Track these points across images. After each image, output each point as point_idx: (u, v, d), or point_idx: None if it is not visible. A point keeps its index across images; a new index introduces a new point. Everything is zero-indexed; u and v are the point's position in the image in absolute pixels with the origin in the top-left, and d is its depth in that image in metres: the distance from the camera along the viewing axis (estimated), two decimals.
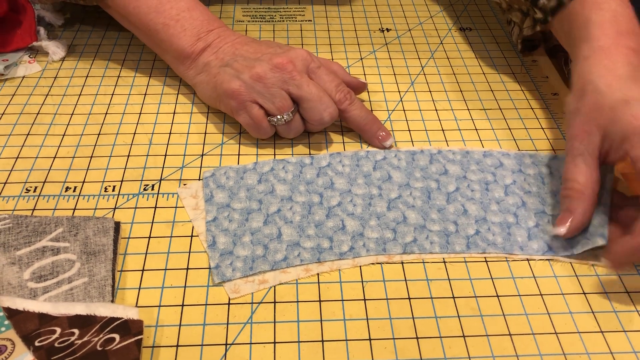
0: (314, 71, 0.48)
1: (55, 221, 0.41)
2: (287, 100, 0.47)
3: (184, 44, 0.51)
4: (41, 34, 0.60)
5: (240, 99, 0.47)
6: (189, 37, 0.51)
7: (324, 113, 0.47)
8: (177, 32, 0.51)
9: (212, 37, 0.51)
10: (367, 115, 0.49)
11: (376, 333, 0.37)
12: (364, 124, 0.49)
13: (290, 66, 0.47)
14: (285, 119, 0.47)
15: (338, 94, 0.48)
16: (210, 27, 0.52)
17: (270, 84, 0.46)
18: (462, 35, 0.64)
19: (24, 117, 0.52)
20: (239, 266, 0.40)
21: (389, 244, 0.42)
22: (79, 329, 0.35)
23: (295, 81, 0.46)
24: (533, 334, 0.37)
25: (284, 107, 0.47)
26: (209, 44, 0.51)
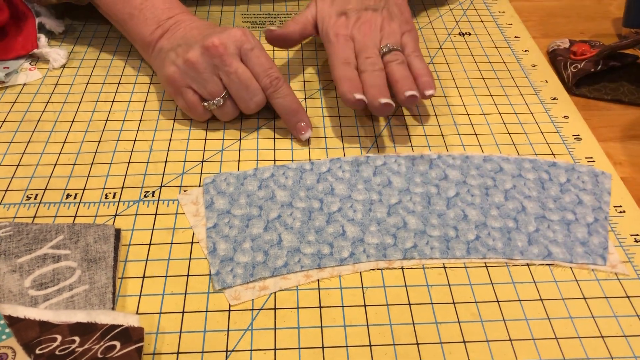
0: (246, 53, 0.48)
1: (55, 228, 0.41)
2: (218, 85, 0.48)
3: (145, 32, 0.53)
4: (42, 41, 0.60)
5: (175, 85, 0.49)
6: (149, 26, 0.52)
7: (249, 102, 0.49)
8: (140, 21, 0.53)
9: (169, 23, 0.52)
10: (291, 105, 0.49)
11: (376, 339, 0.37)
12: (285, 114, 0.50)
13: (221, 49, 0.47)
14: (216, 103, 0.49)
15: (264, 79, 0.49)
16: (170, 13, 0.53)
17: (202, 69, 0.47)
18: (461, 40, 0.64)
19: (25, 124, 0.52)
20: (239, 272, 0.40)
21: (389, 250, 0.42)
22: (80, 337, 0.35)
23: (225, 67, 0.47)
24: (533, 339, 0.37)
25: (215, 93, 0.48)
26: (166, 30, 0.52)
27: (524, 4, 0.72)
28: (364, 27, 0.53)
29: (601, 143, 0.51)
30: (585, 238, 0.43)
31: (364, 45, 0.51)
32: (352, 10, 0.54)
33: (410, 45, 0.52)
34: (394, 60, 0.50)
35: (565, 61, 0.59)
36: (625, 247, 0.42)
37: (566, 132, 0.52)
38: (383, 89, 0.48)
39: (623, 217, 0.45)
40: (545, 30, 0.68)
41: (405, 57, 0.51)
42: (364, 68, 0.50)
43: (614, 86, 0.57)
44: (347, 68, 0.50)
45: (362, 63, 0.50)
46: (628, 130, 0.53)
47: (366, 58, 0.50)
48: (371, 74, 0.49)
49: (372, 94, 0.47)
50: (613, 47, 0.57)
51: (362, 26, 0.53)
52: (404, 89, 0.48)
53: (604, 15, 0.70)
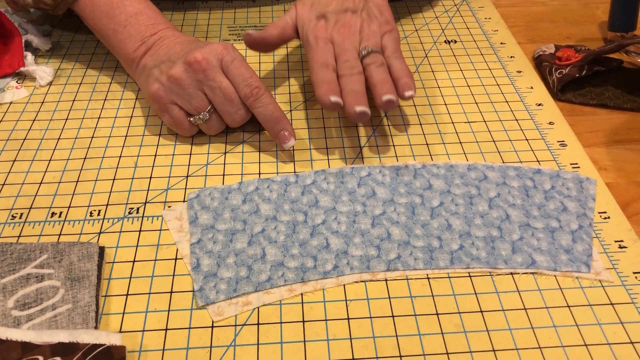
0: (227, 65, 0.48)
1: (40, 248, 0.42)
2: (203, 100, 0.49)
3: (129, 49, 0.53)
4: (28, 59, 0.60)
5: (160, 102, 0.49)
6: (133, 42, 0.53)
7: (234, 115, 0.49)
8: (124, 37, 0.53)
9: (153, 40, 0.52)
10: (272, 113, 0.49)
11: (359, 352, 0.37)
12: (267, 122, 0.49)
13: (204, 63, 0.47)
14: (202, 118, 0.49)
15: (244, 89, 0.48)
16: (154, 30, 0.53)
17: (186, 84, 0.48)
18: (447, 47, 0.65)
19: (11, 143, 0.52)
20: (222, 288, 0.40)
21: (373, 262, 0.42)
22: (62, 357, 0.35)
23: (209, 81, 0.48)
24: (517, 349, 0.37)
25: (200, 107, 0.49)
26: (150, 47, 0.52)
27: (510, 9, 0.72)
28: (343, 29, 0.52)
29: (586, 148, 0.51)
30: (569, 245, 0.43)
31: (343, 48, 0.51)
32: (331, 13, 0.53)
33: (390, 47, 0.52)
34: (373, 63, 0.50)
35: (550, 67, 0.59)
36: (609, 254, 0.42)
37: (551, 138, 0.52)
38: (360, 95, 0.48)
39: (607, 223, 0.45)
40: (532, 36, 0.68)
41: (385, 58, 0.51)
42: (343, 72, 0.49)
43: (599, 91, 0.57)
44: (325, 71, 0.50)
45: (340, 67, 0.50)
46: (613, 135, 0.53)
47: (345, 61, 0.50)
48: (349, 78, 0.49)
49: (349, 101, 0.47)
50: (597, 52, 0.57)
51: (341, 29, 0.52)
52: (382, 92, 0.48)
53: (590, 20, 0.70)
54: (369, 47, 0.51)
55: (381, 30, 0.53)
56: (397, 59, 0.51)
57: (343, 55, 0.50)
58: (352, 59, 0.50)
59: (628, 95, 0.57)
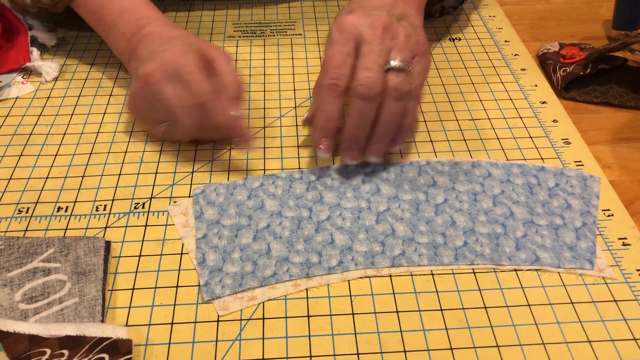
0: (180, 75, 0.45)
1: (46, 242, 0.42)
2: (159, 112, 0.47)
3: (120, 52, 0.52)
4: (34, 54, 0.60)
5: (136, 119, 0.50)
6: (122, 44, 0.52)
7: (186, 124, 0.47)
8: (114, 38, 0.52)
9: (135, 41, 0.50)
10: (221, 122, 0.46)
11: (364, 347, 0.37)
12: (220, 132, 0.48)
13: (152, 77, 0.45)
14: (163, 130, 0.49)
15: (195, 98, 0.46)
16: (136, 27, 0.51)
17: (142, 98, 0.47)
18: (451, 45, 0.65)
19: (17, 138, 0.52)
20: (228, 283, 0.40)
21: (377, 257, 0.42)
22: (69, 350, 0.35)
23: (158, 94, 0.46)
24: (520, 345, 0.37)
25: (159, 119, 0.48)
26: (134, 49, 0.50)
27: (514, 8, 0.73)
28: (376, 25, 0.44)
29: (590, 146, 0.51)
30: (573, 243, 0.43)
31: (369, 49, 0.44)
32: (364, 8, 0.46)
33: (416, 74, 0.45)
34: (394, 93, 0.44)
35: (554, 65, 0.59)
36: (613, 251, 0.43)
37: (555, 136, 0.53)
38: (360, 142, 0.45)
39: (611, 221, 0.45)
40: (536, 34, 0.68)
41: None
42: (356, 88, 0.43)
43: (603, 89, 0.58)
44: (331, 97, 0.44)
45: (357, 78, 0.43)
46: (617, 133, 0.54)
47: (365, 69, 0.43)
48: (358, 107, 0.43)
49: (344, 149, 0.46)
50: (602, 50, 0.57)
51: (375, 23, 0.44)
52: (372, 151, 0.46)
53: (594, 18, 0.71)
54: (401, 60, 0.44)
55: (415, 50, 0.45)
56: (413, 99, 0.45)
57: (366, 59, 0.43)
58: (374, 74, 0.43)
59: (632, 93, 0.57)
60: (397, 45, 0.44)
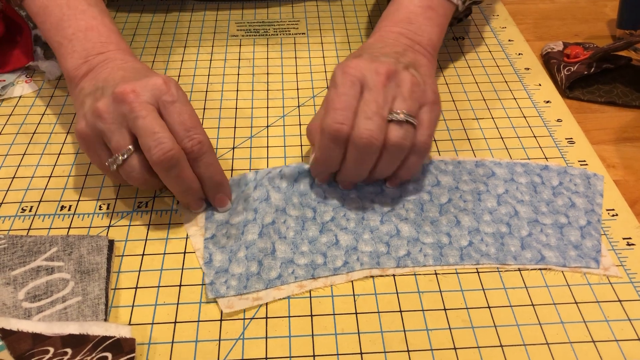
0: (166, 106, 0.41)
1: (50, 240, 0.42)
2: (124, 137, 0.40)
3: (70, 66, 0.46)
4: (38, 53, 0.60)
5: (85, 141, 0.42)
6: (75, 59, 0.46)
7: (154, 150, 0.39)
8: (67, 52, 0.47)
9: (98, 60, 0.46)
10: (213, 177, 0.43)
11: (367, 347, 0.37)
12: (205, 185, 0.43)
13: (131, 96, 0.40)
14: (115, 160, 0.41)
15: (185, 142, 0.41)
16: (103, 49, 0.46)
17: (110, 120, 0.40)
18: (455, 44, 0.65)
19: (21, 137, 0.52)
20: (233, 284, 0.40)
21: (383, 258, 0.42)
22: (72, 349, 0.35)
23: (132, 113, 0.40)
24: (524, 345, 0.37)
25: (118, 147, 0.41)
26: (92, 68, 0.45)
27: (518, 7, 0.72)
28: (380, 70, 0.42)
29: (594, 146, 0.51)
30: (578, 241, 0.43)
31: (372, 96, 0.42)
32: (370, 54, 0.45)
33: (424, 126, 0.43)
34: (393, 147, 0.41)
35: (558, 64, 0.59)
36: (617, 251, 0.42)
37: (559, 135, 0.52)
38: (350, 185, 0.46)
39: (615, 221, 0.45)
40: (540, 33, 0.68)
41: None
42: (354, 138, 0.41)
43: (607, 88, 0.57)
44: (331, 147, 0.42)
45: (357, 124, 0.41)
46: (622, 132, 0.53)
47: (366, 119, 0.41)
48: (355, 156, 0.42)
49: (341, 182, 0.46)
50: (606, 49, 0.57)
51: (380, 68, 0.42)
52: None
53: (598, 17, 0.70)
54: (405, 111, 0.41)
55: (422, 99, 0.43)
56: (416, 154, 0.43)
57: (368, 107, 0.41)
58: (374, 126, 0.40)
59: (636, 92, 0.57)
60: (402, 94, 0.42)
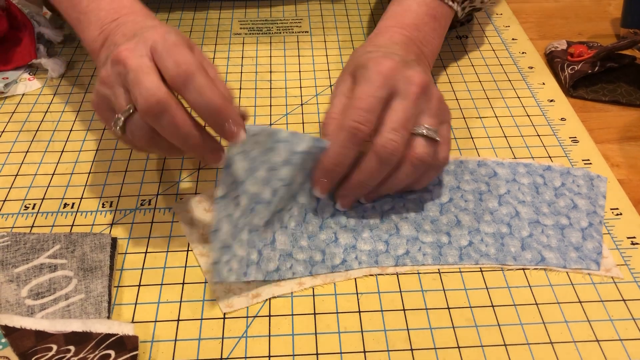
0: (158, 52, 0.38)
1: (52, 238, 0.42)
2: (124, 98, 0.38)
3: (89, 39, 0.45)
4: (41, 51, 0.60)
5: (98, 112, 0.41)
6: (92, 32, 0.45)
7: (138, 100, 0.36)
8: (84, 26, 0.46)
9: (111, 28, 0.44)
10: (210, 102, 0.37)
11: (371, 345, 0.37)
12: (204, 114, 0.37)
13: (124, 54, 0.38)
14: (117, 121, 0.39)
15: (170, 72, 0.37)
16: (115, 15, 0.44)
17: (111, 83, 0.39)
18: (458, 43, 0.64)
19: (24, 134, 0.52)
20: (234, 267, 0.40)
21: (381, 256, 0.42)
22: (75, 346, 0.35)
23: (125, 70, 0.37)
24: (528, 344, 0.37)
25: (120, 108, 0.38)
26: (107, 37, 0.44)
27: (522, 5, 0.72)
28: (416, 79, 0.41)
29: (598, 145, 0.51)
30: (579, 243, 0.43)
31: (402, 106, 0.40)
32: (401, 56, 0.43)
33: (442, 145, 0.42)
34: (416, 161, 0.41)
35: (562, 63, 0.59)
36: (621, 250, 0.42)
37: (563, 134, 0.52)
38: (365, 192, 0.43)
39: (620, 220, 0.45)
40: (543, 32, 0.67)
41: None
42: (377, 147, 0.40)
43: (611, 87, 0.57)
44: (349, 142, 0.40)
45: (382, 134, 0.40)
46: (626, 131, 0.53)
47: (392, 130, 0.40)
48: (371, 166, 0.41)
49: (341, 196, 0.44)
50: (610, 48, 0.57)
51: (414, 78, 0.41)
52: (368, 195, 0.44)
53: (602, 16, 0.70)
54: (432, 129, 0.41)
55: (444, 116, 0.43)
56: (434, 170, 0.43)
57: (395, 118, 0.40)
58: (400, 139, 0.40)
59: None
60: (430, 109, 0.42)
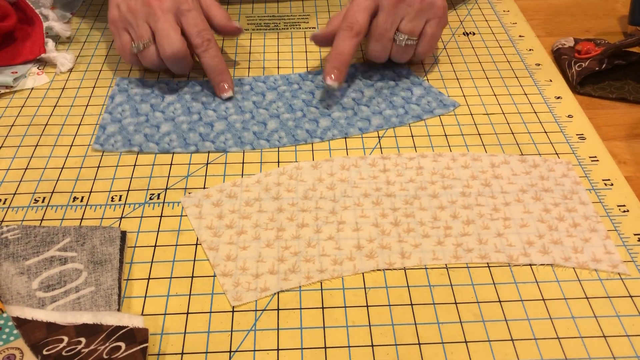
0: (183, 13, 0.52)
1: (62, 231, 0.42)
2: (146, 31, 0.52)
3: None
4: (49, 45, 0.61)
5: (115, 25, 0.54)
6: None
7: (166, 48, 0.52)
8: None
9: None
10: (217, 65, 0.54)
11: (378, 339, 0.37)
12: (211, 72, 0.54)
13: (156, 3, 0.52)
14: (137, 46, 0.53)
15: (196, 39, 0.53)
16: None
17: (138, 15, 0.52)
18: (465, 39, 0.65)
19: (33, 128, 0.52)
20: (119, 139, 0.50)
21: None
22: (86, 338, 0.35)
23: (155, 16, 0.52)
24: (535, 339, 0.37)
25: (141, 37, 0.52)
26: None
27: (529, 2, 0.72)
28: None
29: (605, 142, 0.51)
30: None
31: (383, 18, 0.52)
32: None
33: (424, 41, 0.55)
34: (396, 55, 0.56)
35: (569, 60, 0.59)
36: (628, 247, 0.42)
37: (570, 131, 0.52)
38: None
39: (627, 217, 0.45)
40: (550, 29, 0.67)
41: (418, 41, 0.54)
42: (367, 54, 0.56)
43: (618, 84, 0.57)
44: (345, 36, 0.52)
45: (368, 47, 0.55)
46: (633, 128, 0.53)
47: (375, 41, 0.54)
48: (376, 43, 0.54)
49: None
50: (618, 45, 0.57)
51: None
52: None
53: (609, 13, 0.70)
54: (407, 37, 0.53)
55: (429, 14, 0.54)
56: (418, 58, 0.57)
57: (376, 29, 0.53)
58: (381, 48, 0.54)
59: None
60: (409, 14, 0.53)
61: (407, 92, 0.56)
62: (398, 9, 0.52)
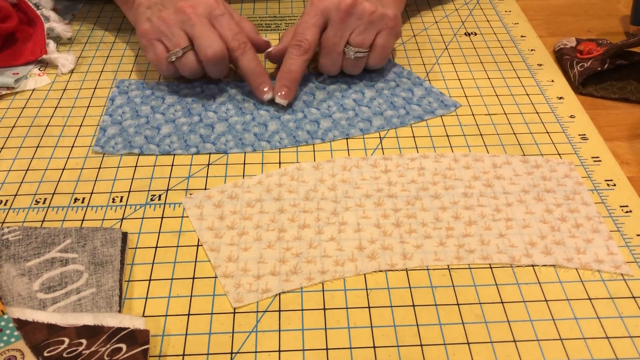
0: (217, 17, 0.52)
1: (64, 232, 0.42)
2: (183, 38, 0.52)
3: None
4: (51, 46, 0.61)
5: (147, 38, 0.53)
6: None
7: (207, 49, 0.51)
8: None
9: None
10: (256, 67, 0.53)
11: (380, 341, 0.37)
12: (249, 75, 0.53)
13: (190, 10, 0.51)
14: (175, 53, 0.52)
15: (233, 42, 0.52)
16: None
17: (172, 24, 0.52)
18: (467, 40, 0.64)
19: (34, 129, 0.52)
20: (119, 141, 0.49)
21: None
22: (87, 339, 0.35)
23: (191, 21, 0.51)
24: (538, 341, 0.37)
25: (178, 44, 0.52)
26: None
27: (530, 2, 0.72)
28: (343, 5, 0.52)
29: (608, 142, 0.51)
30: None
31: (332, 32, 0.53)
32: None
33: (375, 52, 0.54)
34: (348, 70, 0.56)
35: (571, 60, 0.59)
36: (631, 248, 0.42)
37: (572, 131, 0.52)
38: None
39: (629, 217, 0.44)
40: (552, 29, 0.67)
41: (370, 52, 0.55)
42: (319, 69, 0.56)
43: (621, 85, 0.57)
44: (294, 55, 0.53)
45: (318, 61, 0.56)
46: (635, 129, 0.53)
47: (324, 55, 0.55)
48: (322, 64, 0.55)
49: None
50: (620, 45, 0.56)
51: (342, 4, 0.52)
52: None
53: (611, 13, 0.70)
54: (356, 50, 0.53)
55: (380, 25, 0.53)
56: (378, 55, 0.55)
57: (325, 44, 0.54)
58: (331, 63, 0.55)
59: None
60: (359, 26, 0.53)
61: (408, 92, 0.56)
62: (347, 23, 0.52)
